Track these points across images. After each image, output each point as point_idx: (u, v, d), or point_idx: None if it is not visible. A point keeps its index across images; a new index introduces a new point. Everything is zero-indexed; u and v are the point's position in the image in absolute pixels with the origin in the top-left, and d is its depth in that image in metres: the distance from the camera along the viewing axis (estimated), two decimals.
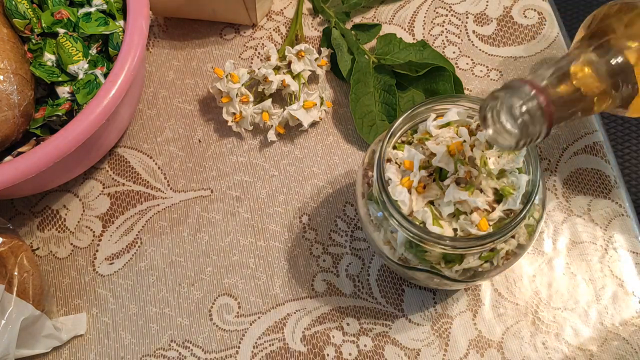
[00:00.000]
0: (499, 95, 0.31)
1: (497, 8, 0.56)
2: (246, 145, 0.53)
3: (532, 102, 0.31)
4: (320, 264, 0.48)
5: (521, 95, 0.31)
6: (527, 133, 0.31)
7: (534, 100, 0.31)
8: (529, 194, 0.35)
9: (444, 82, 0.50)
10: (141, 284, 0.49)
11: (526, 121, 0.31)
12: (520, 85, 0.31)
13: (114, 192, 0.52)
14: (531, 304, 0.46)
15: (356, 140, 0.52)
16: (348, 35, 0.54)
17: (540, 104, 0.31)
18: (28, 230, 0.51)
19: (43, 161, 0.42)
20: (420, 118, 0.38)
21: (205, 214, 0.50)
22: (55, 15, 0.47)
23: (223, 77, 0.51)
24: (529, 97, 0.31)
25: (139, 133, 0.54)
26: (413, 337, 0.45)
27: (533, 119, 0.31)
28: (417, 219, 0.36)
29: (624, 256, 0.46)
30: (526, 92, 0.31)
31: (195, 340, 0.47)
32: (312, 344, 0.46)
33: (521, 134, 0.31)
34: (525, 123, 0.31)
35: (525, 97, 0.31)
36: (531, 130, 0.31)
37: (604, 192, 0.48)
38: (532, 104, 0.31)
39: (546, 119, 0.31)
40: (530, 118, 0.31)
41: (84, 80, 0.47)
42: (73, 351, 0.47)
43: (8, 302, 0.42)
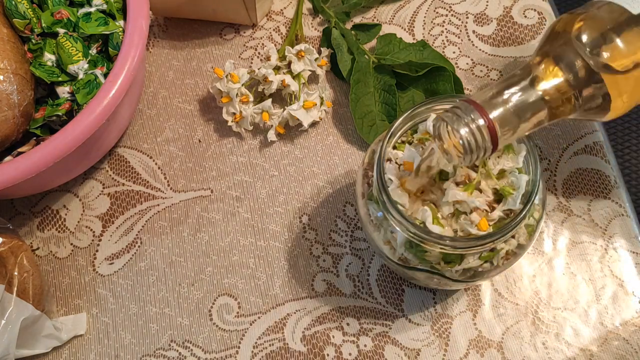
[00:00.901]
0: (446, 116, 0.34)
1: (497, 8, 0.56)
2: (246, 145, 0.53)
3: (475, 122, 0.33)
4: (320, 264, 0.48)
5: (464, 116, 0.33)
6: (472, 150, 0.33)
7: (478, 120, 0.33)
8: (528, 194, 0.35)
9: (444, 82, 0.50)
10: (141, 284, 0.49)
11: (469, 140, 0.33)
12: (464, 106, 0.34)
13: (114, 192, 0.52)
14: (531, 304, 0.46)
15: (356, 140, 0.52)
16: (348, 35, 0.54)
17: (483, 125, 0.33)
18: (28, 230, 0.51)
19: (43, 161, 0.42)
20: (420, 118, 0.38)
21: (205, 214, 0.50)
22: (55, 15, 0.47)
23: (223, 77, 0.51)
24: (471, 117, 0.33)
25: (139, 133, 0.54)
26: (413, 337, 0.45)
27: (476, 139, 0.33)
28: (417, 219, 0.36)
29: (624, 256, 0.46)
30: (469, 112, 0.33)
31: (195, 340, 0.47)
32: (312, 344, 0.46)
33: (465, 151, 0.33)
34: (469, 142, 0.33)
35: (468, 118, 0.33)
36: (476, 147, 0.33)
37: (604, 192, 0.48)
38: (475, 124, 0.33)
39: (491, 137, 0.33)
40: (473, 137, 0.33)
41: (84, 80, 0.47)
42: (73, 351, 0.47)
43: (8, 302, 0.42)
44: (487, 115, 0.33)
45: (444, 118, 0.34)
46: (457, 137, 0.33)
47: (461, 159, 0.34)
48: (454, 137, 0.33)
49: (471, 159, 0.34)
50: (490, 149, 0.33)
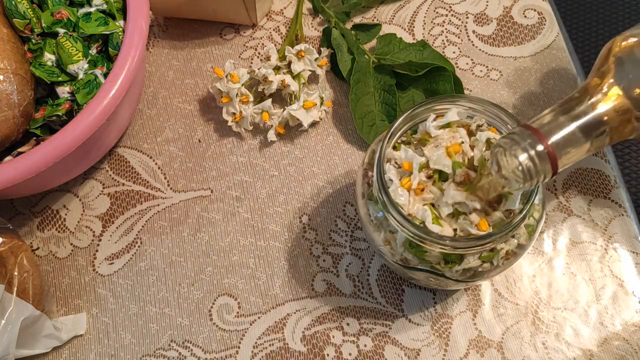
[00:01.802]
0: (503, 143, 0.33)
1: (497, 8, 0.56)
2: (246, 145, 0.53)
3: (534, 149, 0.32)
4: (320, 264, 0.48)
5: (522, 142, 0.32)
6: (531, 176, 0.33)
7: (536, 146, 0.32)
8: (528, 194, 0.35)
9: (444, 82, 0.50)
10: (141, 284, 0.49)
11: (529, 167, 0.32)
12: (521, 132, 0.33)
13: (114, 192, 0.52)
14: (531, 304, 0.46)
15: (356, 140, 0.52)
16: (348, 35, 0.54)
17: (542, 151, 0.32)
18: (28, 230, 0.51)
19: (43, 161, 0.42)
20: (420, 118, 0.38)
21: (205, 214, 0.50)
22: (55, 15, 0.47)
23: (223, 77, 0.51)
24: (530, 142, 0.32)
25: (139, 133, 0.54)
26: (413, 337, 0.45)
27: (535, 165, 0.32)
28: (417, 219, 0.36)
29: (624, 256, 0.46)
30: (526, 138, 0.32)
31: (195, 340, 0.47)
32: (312, 344, 0.46)
33: (525, 178, 0.33)
34: (529, 168, 0.32)
35: (526, 144, 0.32)
36: (535, 173, 0.32)
37: (604, 192, 0.48)
38: (534, 151, 0.32)
39: (550, 162, 0.32)
40: (533, 164, 0.32)
41: (84, 80, 0.47)
42: (73, 351, 0.47)
43: (8, 302, 0.42)
44: (546, 140, 0.32)
45: (501, 145, 0.33)
46: (515, 163, 0.32)
47: (520, 184, 0.33)
48: (512, 163, 0.32)
49: (531, 184, 0.33)
50: (550, 174, 0.33)
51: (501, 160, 0.33)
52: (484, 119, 0.38)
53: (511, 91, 0.53)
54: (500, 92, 0.53)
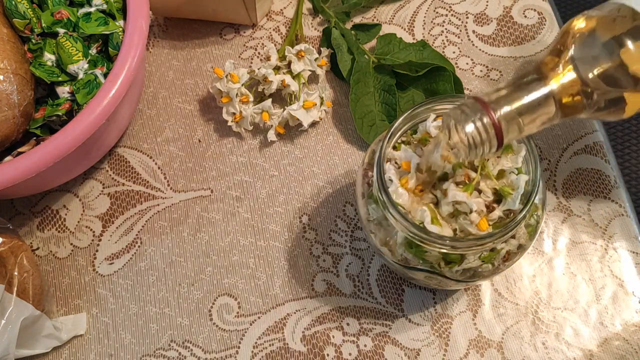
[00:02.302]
0: (453, 113, 0.34)
1: (497, 8, 0.56)
2: (246, 145, 0.53)
3: (480, 120, 0.34)
4: (320, 264, 0.48)
5: (470, 113, 0.34)
6: (476, 145, 0.34)
7: (483, 118, 0.34)
8: (528, 194, 0.35)
9: (444, 82, 0.50)
10: (141, 284, 0.49)
11: (474, 137, 0.34)
12: (471, 103, 0.34)
13: (114, 192, 0.52)
14: (531, 304, 0.46)
15: (356, 140, 0.52)
16: (348, 35, 0.54)
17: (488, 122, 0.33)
18: (28, 230, 0.51)
19: (43, 161, 0.42)
20: (420, 118, 0.38)
21: (205, 214, 0.50)
22: (55, 15, 0.47)
23: (223, 77, 0.51)
24: (478, 115, 0.34)
25: (139, 133, 0.54)
26: (413, 337, 0.45)
27: (481, 135, 0.34)
28: (416, 219, 0.36)
29: (624, 256, 0.46)
30: (475, 110, 0.34)
31: (195, 340, 0.47)
32: (312, 344, 0.46)
33: (469, 147, 0.34)
34: (474, 138, 0.34)
35: (475, 115, 0.34)
36: (480, 143, 0.34)
37: (604, 192, 0.48)
38: (480, 123, 0.34)
39: (496, 134, 0.34)
40: (479, 135, 0.34)
41: (84, 80, 0.47)
42: (73, 351, 0.47)
43: (8, 302, 0.42)
44: (493, 112, 0.34)
45: (451, 115, 0.34)
46: (462, 133, 0.34)
47: (466, 154, 0.34)
48: (460, 133, 0.34)
49: (476, 154, 0.34)
50: (496, 145, 0.34)
51: (451, 129, 0.34)
52: None
53: None
54: None
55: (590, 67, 0.36)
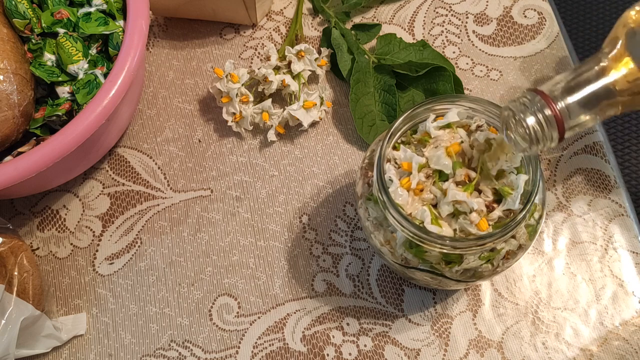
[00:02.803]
0: (513, 106, 0.33)
1: (497, 8, 0.56)
2: (246, 145, 0.53)
3: (542, 112, 0.33)
4: (320, 264, 0.48)
5: (531, 106, 0.33)
6: (538, 140, 0.33)
7: (544, 110, 0.33)
8: (528, 194, 0.35)
9: (444, 82, 0.50)
10: (141, 284, 0.49)
11: (536, 131, 0.33)
12: (531, 96, 0.33)
13: (114, 192, 0.52)
14: (531, 304, 0.46)
15: (356, 140, 0.52)
16: (348, 35, 0.54)
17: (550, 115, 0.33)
18: (28, 230, 0.51)
19: (43, 161, 0.42)
20: (420, 118, 0.38)
21: (205, 214, 0.50)
22: (55, 15, 0.47)
23: (223, 77, 0.51)
24: (538, 107, 0.33)
25: (139, 133, 0.54)
26: (413, 337, 0.45)
27: (543, 129, 0.33)
28: (416, 219, 0.36)
29: (624, 256, 0.46)
30: (536, 102, 0.33)
31: (195, 340, 0.47)
32: (312, 344, 0.46)
33: (531, 141, 0.33)
34: (536, 132, 0.33)
35: (535, 108, 0.33)
36: (542, 137, 0.33)
37: (604, 192, 0.48)
38: (542, 114, 0.33)
39: (557, 126, 0.33)
40: (540, 128, 0.33)
41: (83, 80, 0.47)
42: (73, 351, 0.47)
43: (8, 302, 0.42)
44: (555, 105, 0.33)
45: (510, 107, 0.33)
46: (524, 126, 0.33)
47: (527, 147, 0.34)
48: (521, 126, 0.33)
49: (538, 148, 0.34)
50: (557, 139, 0.33)
51: (510, 122, 0.34)
52: (483, 119, 0.38)
53: (511, 91, 0.53)
54: (500, 92, 0.53)
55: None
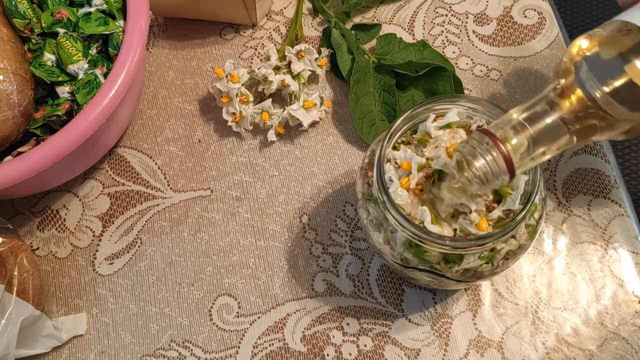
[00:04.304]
0: (462, 148, 0.34)
1: (497, 8, 0.56)
2: (246, 145, 0.53)
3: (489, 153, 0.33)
4: (320, 264, 0.48)
5: (479, 147, 0.33)
6: (488, 180, 0.33)
7: (492, 151, 0.33)
8: (528, 194, 0.35)
9: (444, 82, 0.50)
10: (141, 284, 0.49)
11: (486, 172, 0.33)
12: (479, 137, 0.34)
13: (114, 192, 0.52)
14: (531, 304, 0.46)
15: (356, 140, 0.52)
16: (348, 35, 0.54)
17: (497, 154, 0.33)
18: (28, 230, 0.51)
19: (43, 161, 0.42)
20: (420, 118, 0.38)
21: (205, 214, 0.50)
22: (55, 15, 0.47)
23: (223, 77, 0.51)
24: (485, 147, 0.33)
25: (139, 133, 0.54)
26: (413, 337, 0.45)
27: (492, 169, 0.33)
28: (416, 219, 0.36)
29: (624, 256, 0.46)
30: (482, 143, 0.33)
31: (195, 340, 0.47)
32: (312, 344, 0.46)
33: (482, 182, 0.33)
34: (485, 173, 0.33)
35: (483, 148, 0.33)
36: (492, 177, 0.33)
37: (604, 192, 0.48)
38: (490, 157, 0.33)
39: (507, 167, 0.33)
40: (490, 169, 0.33)
41: (83, 80, 0.47)
42: (73, 351, 0.47)
43: (8, 302, 0.42)
44: (501, 145, 0.33)
45: (459, 150, 0.34)
46: (473, 168, 0.33)
47: (480, 187, 0.34)
48: (471, 167, 0.33)
49: (490, 187, 0.34)
50: (507, 178, 0.33)
51: (461, 164, 0.34)
52: (484, 119, 0.38)
53: (511, 91, 0.53)
54: (500, 92, 0.53)
55: (597, 87, 0.35)
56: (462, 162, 0.34)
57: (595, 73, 0.35)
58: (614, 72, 0.35)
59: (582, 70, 0.36)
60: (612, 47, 0.37)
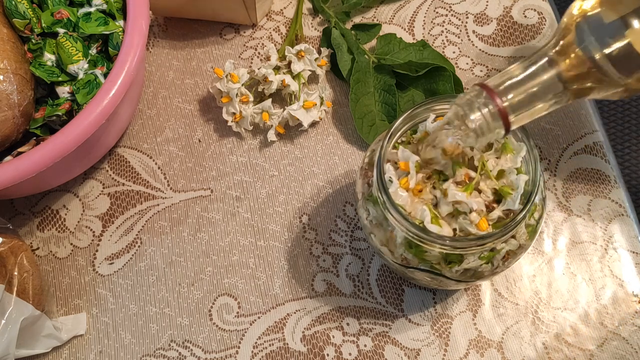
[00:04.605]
0: (459, 101, 0.35)
1: (497, 8, 0.56)
2: (246, 145, 0.53)
3: (487, 107, 0.34)
4: (320, 264, 0.48)
5: (475, 100, 0.34)
6: (483, 133, 0.34)
7: (488, 105, 0.34)
8: (528, 194, 0.35)
9: (444, 82, 0.50)
10: (141, 284, 0.49)
11: (481, 124, 0.34)
12: (476, 91, 0.34)
13: (114, 192, 0.52)
14: (531, 304, 0.46)
15: (356, 140, 0.52)
16: (348, 35, 0.54)
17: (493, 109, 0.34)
18: (28, 230, 0.51)
19: (43, 161, 0.42)
20: (420, 118, 0.38)
21: (205, 214, 0.50)
22: (55, 15, 0.47)
23: (223, 77, 0.51)
24: (483, 101, 0.34)
25: (139, 133, 0.54)
26: (413, 337, 0.45)
27: (488, 122, 0.34)
28: (416, 219, 0.36)
29: (624, 256, 0.46)
30: (479, 97, 0.34)
31: (195, 340, 0.47)
32: (312, 344, 0.46)
33: (477, 134, 0.34)
34: (481, 126, 0.34)
35: (480, 102, 0.34)
36: (487, 130, 0.34)
37: (604, 192, 0.48)
38: (486, 110, 0.34)
39: (502, 120, 0.34)
40: (485, 122, 0.34)
41: (83, 80, 0.47)
42: (73, 351, 0.47)
43: (8, 302, 0.42)
44: (498, 99, 0.34)
45: (457, 103, 0.35)
46: (469, 120, 0.34)
47: (474, 140, 0.35)
48: (467, 120, 0.34)
49: (485, 140, 0.35)
50: (503, 132, 0.34)
51: (459, 117, 0.35)
52: None
53: None
54: None
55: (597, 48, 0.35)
56: (459, 114, 0.35)
57: (595, 34, 0.36)
58: (614, 35, 0.35)
59: (582, 30, 0.36)
60: (613, 9, 0.36)
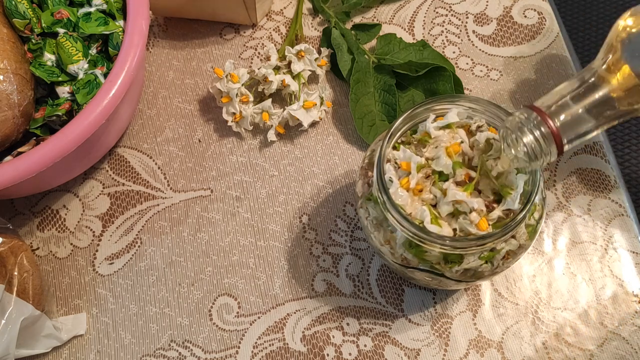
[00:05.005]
0: (510, 124, 0.33)
1: (497, 8, 0.56)
2: (246, 145, 0.53)
3: (539, 129, 0.33)
4: (320, 264, 0.48)
5: (528, 123, 0.33)
6: (536, 156, 0.33)
7: (540, 127, 0.33)
8: (528, 194, 0.35)
9: (444, 82, 0.50)
10: (141, 284, 0.49)
11: (534, 148, 0.33)
12: (527, 113, 0.33)
13: (114, 192, 0.52)
14: (531, 304, 0.46)
15: (356, 140, 0.52)
16: (348, 35, 0.54)
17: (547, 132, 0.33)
18: (28, 230, 0.51)
19: (43, 161, 0.42)
20: (420, 118, 0.38)
21: (205, 214, 0.50)
22: (55, 15, 0.47)
23: (223, 77, 0.51)
24: (535, 124, 0.33)
25: (139, 133, 0.54)
26: (413, 337, 0.45)
27: (541, 145, 0.33)
28: (416, 219, 0.36)
29: (624, 256, 0.46)
30: (532, 120, 0.33)
31: (195, 340, 0.47)
32: (312, 344, 0.46)
33: (530, 158, 0.33)
34: (534, 149, 0.33)
35: (532, 125, 0.33)
36: (540, 154, 0.33)
37: (604, 192, 0.48)
38: (539, 131, 0.33)
39: (555, 142, 0.33)
40: (538, 145, 0.33)
41: (83, 80, 0.47)
42: (73, 351, 0.47)
43: (8, 302, 0.42)
44: (551, 121, 0.33)
45: (507, 126, 0.34)
46: (521, 145, 0.33)
47: (527, 165, 0.34)
48: (518, 144, 0.33)
49: (538, 164, 0.34)
50: (556, 154, 0.33)
51: (509, 141, 0.34)
52: (484, 119, 0.38)
53: (511, 91, 0.53)
54: (500, 92, 0.53)
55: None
56: (509, 138, 0.33)
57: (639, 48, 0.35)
58: None
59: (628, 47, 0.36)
60: None
